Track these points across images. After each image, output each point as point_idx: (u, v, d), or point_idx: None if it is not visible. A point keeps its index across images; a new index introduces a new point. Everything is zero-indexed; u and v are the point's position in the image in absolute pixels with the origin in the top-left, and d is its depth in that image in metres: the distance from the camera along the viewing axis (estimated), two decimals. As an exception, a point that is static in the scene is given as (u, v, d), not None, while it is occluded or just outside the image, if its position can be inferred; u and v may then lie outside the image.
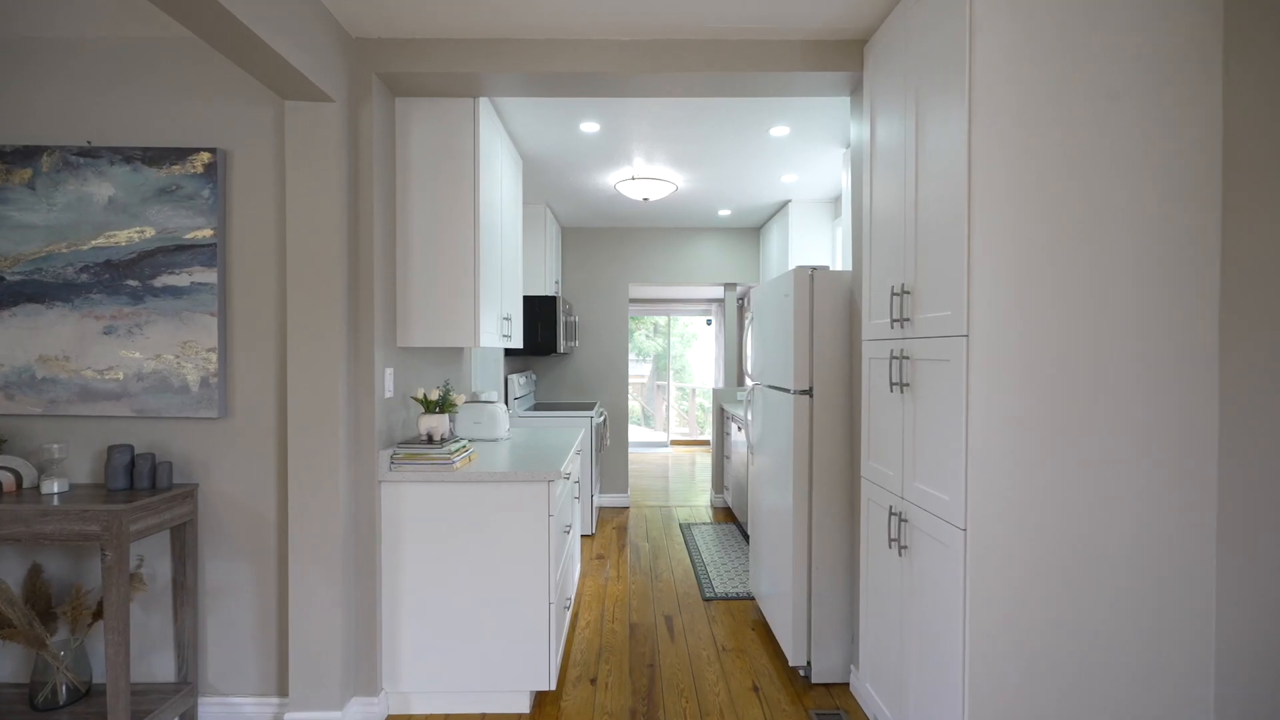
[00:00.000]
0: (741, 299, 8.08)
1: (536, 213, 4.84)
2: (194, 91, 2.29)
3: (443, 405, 2.56)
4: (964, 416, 1.63)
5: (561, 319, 4.88)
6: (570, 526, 3.02)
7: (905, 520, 1.96)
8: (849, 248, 3.48)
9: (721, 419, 5.70)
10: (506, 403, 4.72)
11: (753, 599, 3.61)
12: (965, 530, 1.63)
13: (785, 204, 4.75)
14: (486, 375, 4.65)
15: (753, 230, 5.77)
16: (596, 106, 2.96)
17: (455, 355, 3.41)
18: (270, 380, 2.31)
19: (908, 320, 1.96)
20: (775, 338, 2.93)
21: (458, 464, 2.44)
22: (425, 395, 2.51)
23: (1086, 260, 1.62)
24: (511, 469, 2.45)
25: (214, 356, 2.27)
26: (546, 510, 2.42)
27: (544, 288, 4.89)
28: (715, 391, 5.77)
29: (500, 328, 3.04)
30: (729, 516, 5.43)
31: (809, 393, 2.66)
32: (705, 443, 9.85)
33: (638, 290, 9.03)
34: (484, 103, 2.64)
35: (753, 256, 5.79)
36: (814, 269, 2.65)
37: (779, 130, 3.23)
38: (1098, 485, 1.63)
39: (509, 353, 4.82)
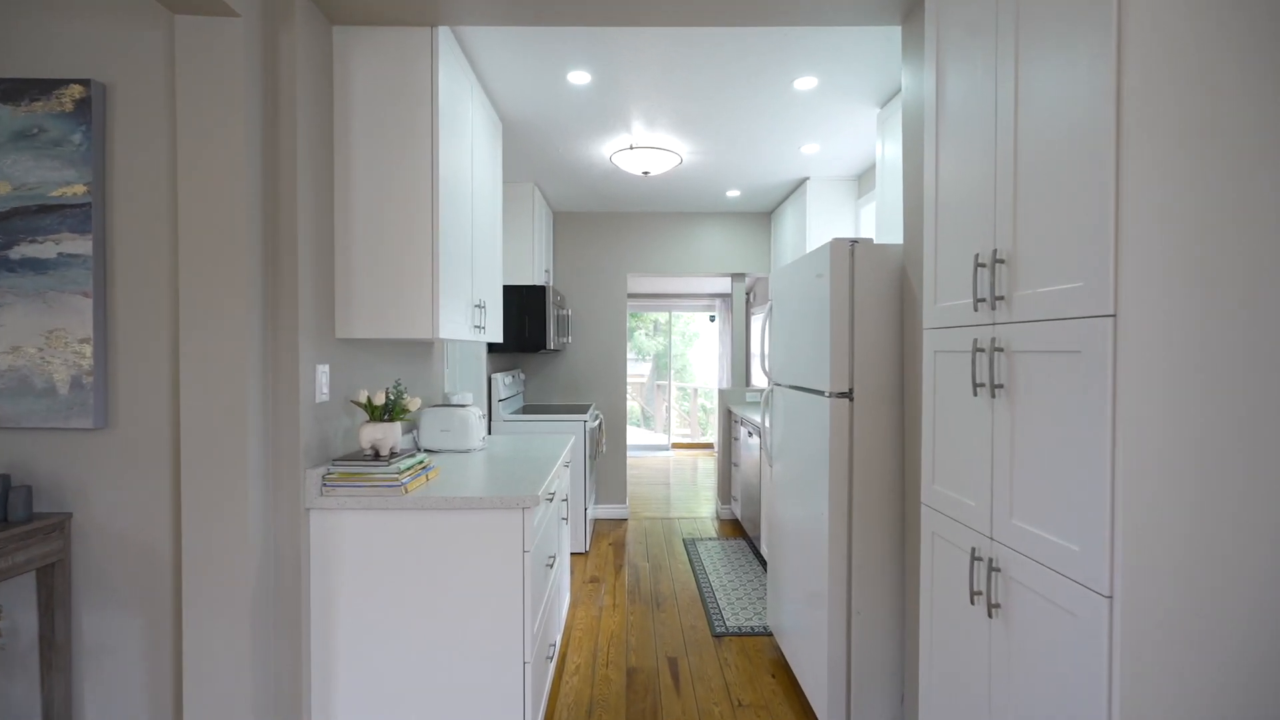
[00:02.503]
0: (749, 291, 7.59)
1: (523, 192, 4.33)
2: (61, 5, 1.77)
3: (392, 411, 2.05)
4: (1109, 430, 1.12)
5: (552, 311, 4.37)
6: (554, 557, 2.51)
7: (997, 569, 1.45)
8: (876, 231, 2.98)
9: (729, 422, 5.19)
10: (489, 406, 4.21)
11: (770, 635, 3.10)
12: (1111, 598, 1.12)
13: (802, 182, 4.24)
14: (466, 374, 4.14)
15: (763, 215, 5.26)
16: (587, 47, 2.44)
17: (422, 350, 2.90)
18: (164, 381, 1.79)
19: (1001, 299, 1.45)
20: (803, 329, 2.42)
21: (409, 485, 1.93)
22: (369, 399, 2.00)
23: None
24: (481, 490, 1.94)
25: (89, 350, 1.76)
26: (520, 544, 1.91)
27: (532, 276, 4.38)
28: (721, 393, 5.26)
29: (471, 317, 2.53)
30: (737, 530, 4.92)
31: (848, 395, 2.15)
32: (708, 446, 9.34)
33: (636, 284, 8.53)
34: (445, 35, 2.12)
35: (763, 244, 5.28)
36: (855, 241, 2.14)
37: (805, 82, 2.72)
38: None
39: (494, 349, 4.31)
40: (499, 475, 2.21)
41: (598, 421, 4.70)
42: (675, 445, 9.28)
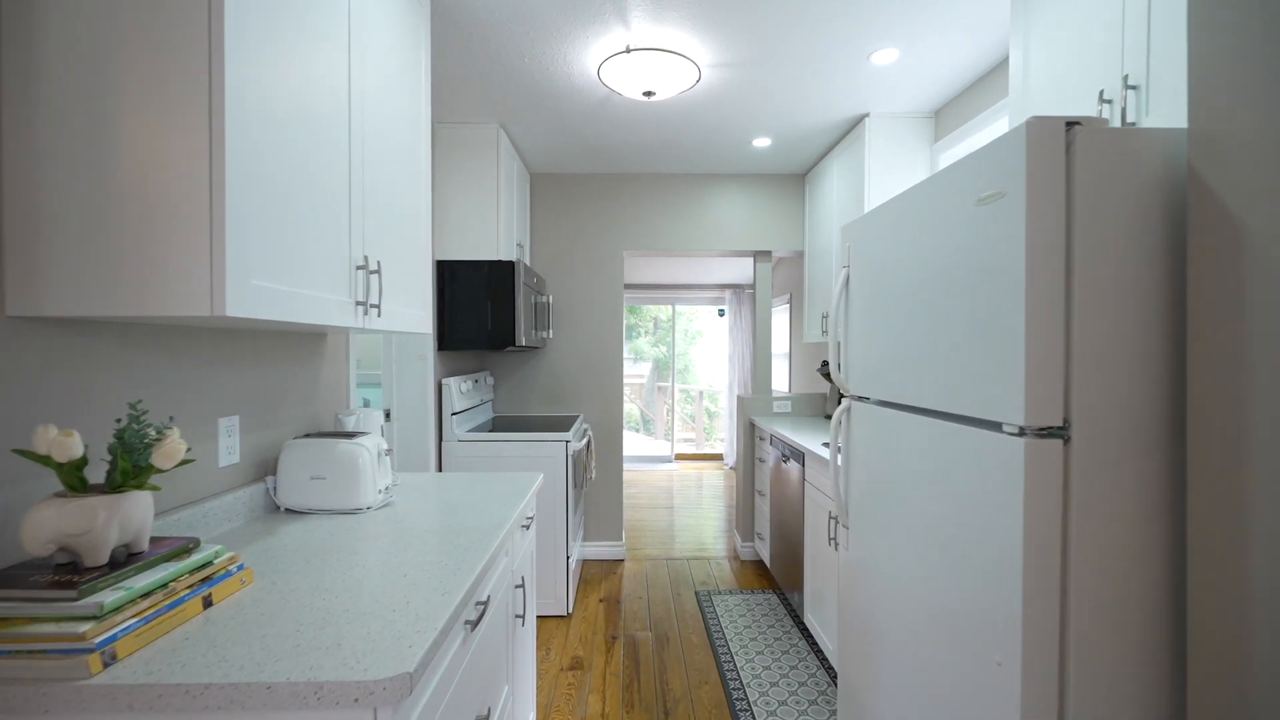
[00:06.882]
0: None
1: (484, 136, 3.25)
2: None
3: (123, 469, 0.97)
4: None
5: (525, 297, 3.30)
6: (488, 717, 1.43)
7: None
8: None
9: (752, 438, 4.12)
10: (439, 423, 3.13)
11: (841, 782, 2.03)
12: None
13: (859, 122, 3.16)
14: (409, 380, 3.08)
15: (796, 177, 4.19)
16: None
17: (303, 345, 1.83)
18: None
19: None
20: (932, 306, 1.35)
21: (119, 644, 0.86)
22: (50, 447, 0.92)
23: None
24: (332, 619, 0.87)
25: None
26: (373, 781, 0.83)
27: (497, 250, 3.30)
28: (741, 400, 4.19)
29: (350, 288, 1.45)
30: (763, 578, 3.85)
31: (1061, 433, 1.08)
32: (716, 457, 8.27)
33: (634, 273, 7.45)
34: None
35: (795, 215, 4.20)
36: (1074, 123, 1.07)
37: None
38: None
39: (448, 346, 3.23)
40: (387, 578, 1.14)
41: (585, 440, 3.63)
42: (679, 456, 8.21)
